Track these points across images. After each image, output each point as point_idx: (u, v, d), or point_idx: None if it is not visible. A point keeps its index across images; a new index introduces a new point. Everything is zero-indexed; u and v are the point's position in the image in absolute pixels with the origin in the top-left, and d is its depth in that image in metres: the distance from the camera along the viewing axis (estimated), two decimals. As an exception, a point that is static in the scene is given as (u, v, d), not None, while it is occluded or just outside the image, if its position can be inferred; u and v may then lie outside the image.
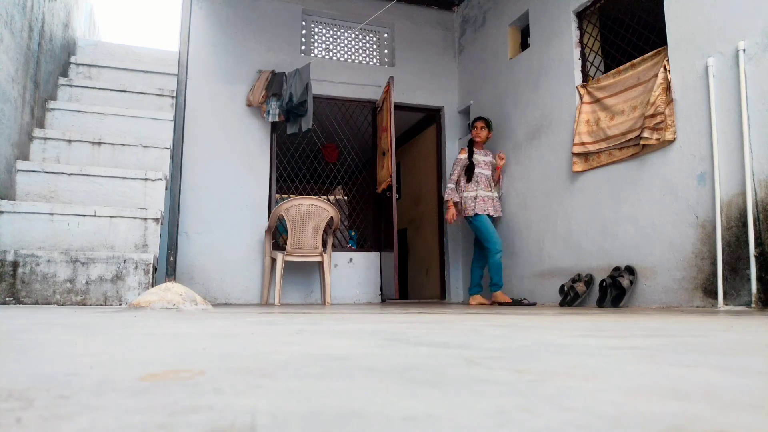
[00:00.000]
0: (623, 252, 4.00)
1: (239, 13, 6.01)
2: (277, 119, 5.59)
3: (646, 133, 3.70)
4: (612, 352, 0.97)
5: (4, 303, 3.12)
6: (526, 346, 1.07)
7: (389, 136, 5.64)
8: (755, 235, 3.04)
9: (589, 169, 4.36)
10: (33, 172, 3.75)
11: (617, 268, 4.00)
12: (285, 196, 8.60)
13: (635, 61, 3.98)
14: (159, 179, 4.03)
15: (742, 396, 0.58)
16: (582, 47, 4.66)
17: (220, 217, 5.57)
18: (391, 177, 5.58)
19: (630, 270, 3.88)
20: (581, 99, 4.49)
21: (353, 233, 7.79)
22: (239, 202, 5.67)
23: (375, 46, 6.65)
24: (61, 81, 4.65)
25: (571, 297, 4.21)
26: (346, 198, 11.27)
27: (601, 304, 3.95)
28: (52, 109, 4.34)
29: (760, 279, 3.01)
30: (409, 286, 8.21)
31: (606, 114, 4.19)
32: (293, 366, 0.77)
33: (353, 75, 6.29)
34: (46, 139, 4.04)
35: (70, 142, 4.09)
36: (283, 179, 7.18)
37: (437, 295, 6.60)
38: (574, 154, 4.48)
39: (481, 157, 5.18)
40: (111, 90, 4.78)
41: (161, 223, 3.83)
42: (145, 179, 4.00)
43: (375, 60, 6.60)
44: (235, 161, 5.72)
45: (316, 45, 6.42)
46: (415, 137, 7.99)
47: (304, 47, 6.31)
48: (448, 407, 0.51)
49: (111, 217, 3.64)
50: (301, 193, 9.56)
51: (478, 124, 5.26)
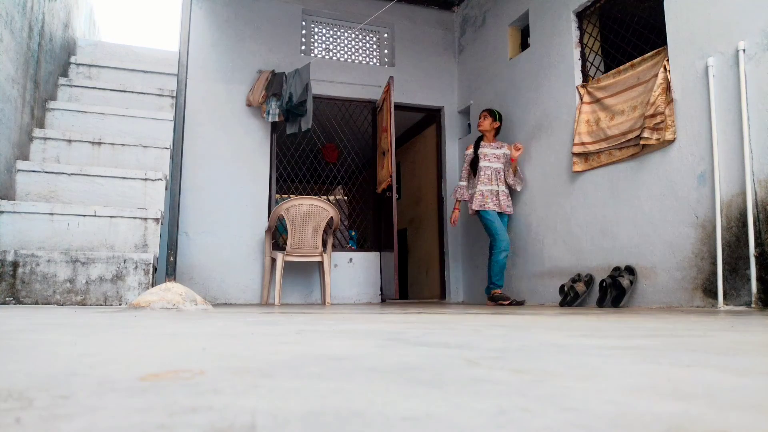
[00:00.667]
0: (623, 252, 4.00)
1: (239, 13, 6.01)
2: (277, 119, 5.59)
3: (646, 133, 3.70)
4: (612, 352, 0.97)
5: (4, 303, 3.12)
6: (526, 346, 1.07)
7: (389, 136, 5.64)
8: (755, 235, 3.04)
9: (589, 169, 4.36)
10: (33, 172, 3.75)
11: (617, 268, 4.00)
12: (285, 196, 8.60)
13: (635, 61, 3.98)
14: (159, 179, 4.03)
15: (743, 396, 0.58)
16: (582, 47, 4.66)
17: (220, 217, 5.57)
18: (391, 177, 5.58)
19: (630, 270, 3.88)
20: (581, 99, 4.49)
21: (353, 233, 7.80)
22: (239, 202, 5.67)
23: (375, 46, 6.65)
24: (61, 81, 4.65)
25: (571, 297, 4.21)
26: (346, 198, 11.27)
27: (601, 304, 3.95)
28: (52, 109, 4.34)
29: (760, 279, 3.01)
30: (409, 286, 8.21)
31: (606, 114, 4.19)
32: (293, 366, 0.77)
33: (353, 75, 6.29)
34: (46, 139, 4.04)
35: (70, 142, 4.09)
36: (283, 179, 7.18)
37: (437, 295, 6.60)
38: (574, 154, 4.48)
39: (489, 150, 5.06)
40: (111, 90, 4.78)
41: (161, 223, 3.83)
42: (145, 179, 4.00)
43: (375, 60, 6.60)
44: (235, 161, 5.72)
45: (316, 45, 6.42)
46: (415, 137, 7.99)
47: (304, 47, 6.31)
48: (448, 407, 0.51)
49: (111, 217, 3.64)
50: (301, 193, 9.56)
51: (481, 114, 5.23)
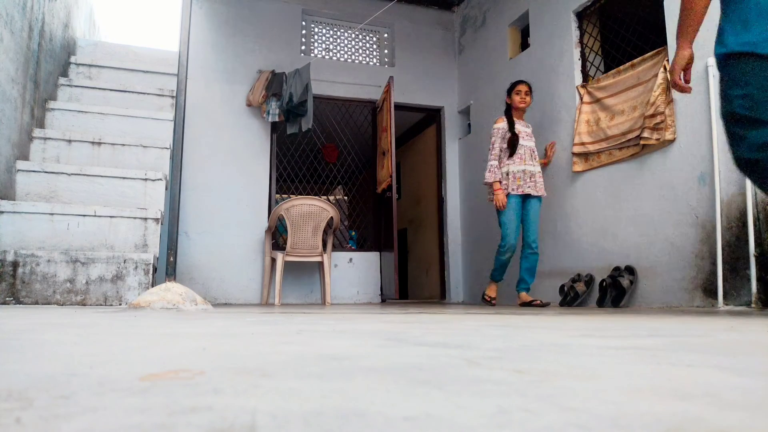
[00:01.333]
0: (623, 252, 4.00)
1: (239, 13, 6.01)
2: (277, 119, 5.59)
3: (646, 133, 3.70)
4: (612, 352, 0.97)
5: (4, 303, 3.12)
6: (526, 346, 1.07)
7: (389, 136, 5.64)
8: (755, 235, 3.04)
9: (589, 169, 4.36)
10: (33, 172, 3.75)
11: (617, 268, 4.00)
12: (285, 196, 8.60)
13: (635, 61, 3.98)
14: (159, 179, 4.03)
15: (743, 396, 0.58)
16: (582, 47, 4.66)
17: (220, 217, 5.57)
18: (391, 177, 5.58)
19: (630, 270, 3.88)
20: (581, 99, 4.49)
21: (353, 233, 7.80)
22: (239, 202, 5.67)
23: (375, 46, 6.65)
24: (61, 81, 4.64)
25: (571, 297, 4.21)
26: (346, 198, 11.27)
27: (601, 304, 3.95)
28: (52, 109, 4.34)
29: (760, 279, 3.01)
30: (409, 286, 8.21)
31: (606, 114, 4.19)
32: (293, 366, 0.77)
33: (353, 75, 6.29)
34: (46, 139, 4.04)
35: (70, 142, 4.09)
36: (283, 179, 7.18)
37: (437, 295, 6.60)
38: (574, 154, 4.48)
39: (522, 128, 4.39)
40: (111, 90, 4.78)
41: (161, 223, 3.83)
42: (145, 179, 4.00)
43: (375, 60, 6.60)
44: (235, 161, 5.72)
45: (316, 45, 6.42)
46: (415, 137, 7.99)
47: (304, 47, 6.31)
48: (449, 407, 0.51)
49: (111, 217, 3.64)
50: (301, 193, 9.56)
51: (522, 87, 4.39)
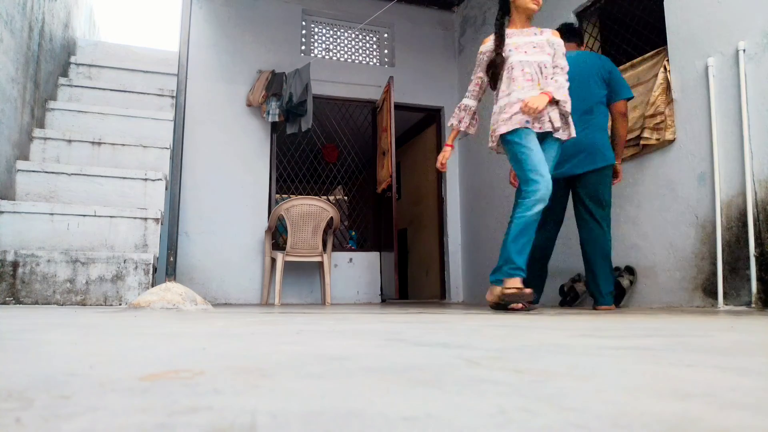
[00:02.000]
0: (623, 252, 4.00)
1: (239, 13, 6.01)
2: (277, 119, 5.59)
3: (646, 133, 3.70)
4: (612, 352, 0.97)
5: (4, 303, 3.12)
6: (526, 346, 1.07)
7: (389, 136, 5.64)
8: (755, 235, 3.04)
9: (589, 169, 4.36)
10: (33, 172, 3.75)
11: (617, 268, 4.00)
12: (285, 196, 8.60)
13: (635, 61, 3.97)
14: (159, 179, 4.03)
15: (743, 396, 0.58)
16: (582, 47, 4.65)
17: (220, 217, 5.57)
18: (391, 177, 5.58)
19: (630, 270, 3.88)
20: (581, 99, 4.48)
21: (353, 233, 7.80)
22: (239, 202, 5.67)
23: (375, 46, 6.65)
24: (61, 81, 4.64)
25: (571, 297, 4.21)
26: (346, 198, 11.27)
27: (601, 304, 3.94)
28: (52, 109, 4.34)
29: (760, 279, 3.01)
30: (409, 286, 8.21)
31: (606, 114, 4.19)
32: (293, 366, 0.77)
33: (353, 75, 6.29)
34: (46, 139, 4.04)
35: (70, 142, 4.09)
36: (283, 179, 7.18)
37: (437, 295, 6.60)
38: (574, 154, 4.47)
39: (523, 39, 3.19)
40: (111, 90, 4.78)
41: (161, 223, 3.83)
42: (145, 179, 4.00)
43: (375, 60, 6.60)
44: (235, 161, 5.72)
45: (316, 45, 6.42)
46: (415, 137, 7.99)
47: (304, 47, 6.31)
48: (448, 407, 0.51)
49: (111, 217, 3.64)
50: (301, 193, 9.55)
51: None
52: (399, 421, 0.45)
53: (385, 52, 6.64)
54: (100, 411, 0.48)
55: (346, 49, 6.51)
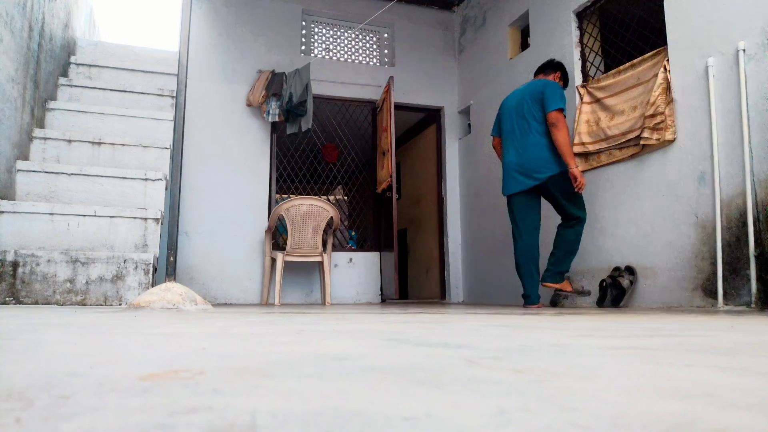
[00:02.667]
0: (623, 252, 3.99)
1: (239, 13, 6.01)
2: (277, 119, 5.59)
3: (646, 133, 3.70)
4: (612, 352, 0.97)
5: (4, 303, 3.12)
6: (526, 346, 1.07)
7: (389, 136, 5.64)
8: (755, 235, 3.04)
9: (589, 169, 4.36)
10: (33, 172, 3.75)
11: (617, 268, 4.00)
12: (285, 196, 8.60)
13: (635, 61, 3.98)
14: (159, 179, 4.03)
15: (742, 396, 0.58)
16: (582, 47, 4.66)
17: (220, 217, 5.57)
18: (391, 177, 5.58)
19: (630, 270, 3.88)
20: (581, 99, 4.49)
21: (353, 233, 7.80)
22: (239, 202, 5.67)
23: (375, 46, 6.65)
24: (61, 81, 4.64)
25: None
26: (346, 198, 11.27)
27: (601, 304, 3.94)
28: (52, 109, 4.34)
29: (760, 279, 3.01)
30: (409, 286, 8.21)
31: (606, 114, 4.19)
32: (293, 366, 0.77)
33: (353, 75, 6.29)
34: (46, 139, 4.04)
35: (70, 142, 4.09)
36: (283, 179, 7.18)
37: (437, 295, 6.60)
38: (575, 154, 4.47)
39: None
40: (111, 90, 4.78)
41: (161, 223, 3.83)
42: (145, 179, 4.00)
43: (375, 60, 6.60)
44: (235, 161, 5.72)
45: (316, 45, 6.42)
46: (415, 137, 7.99)
47: (304, 47, 6.32)
48: (448, 407, 0.51)
49: (111, 217, 3.64)
50: (301, 193, 9.55)
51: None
52: (399, 421, 0.45)
53: (385, 52, 6.64)
54: (100, 411, 0.48)
55: (346, 49, 6.51)
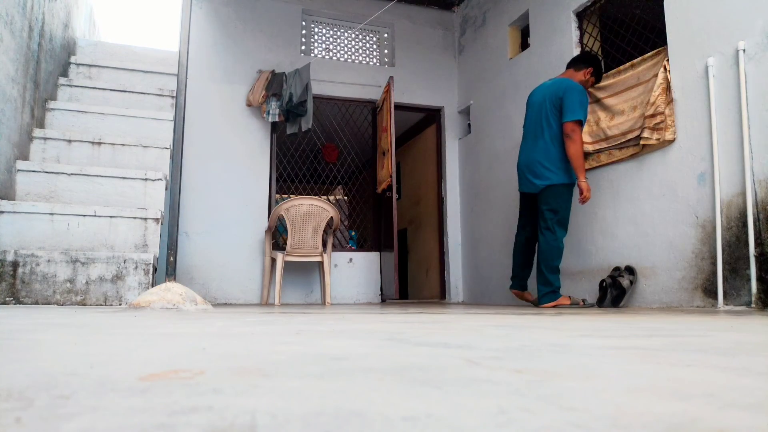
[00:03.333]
0: (623, 252, 4.00)
1: (239, 13, 6.01)
2: (277, 119, 5.59)
3: (646, 133, 3.70)
4: (612, 352, 0.97)
5: (4, 303, 3.12)
6: (526, 346, 1.07)
7: (389, 136, 5.64)
8: (755, 235, 3.04)
9: (589, 169, 4.36)
10: (33, 172, 3.75)
11: (617, 268, 4.00)
12: (285, 196, 8.60)
13: (635, 61, 3.98)
14: (159, 179, 4.03)
15: (742, 396, 0.58)
16: (582, 47, 4.66)
17: (220, 217, 5.57)
18: (391, 177, 5.58)
19: (630, 270, 3.88)
20: (581, 99, 4.48)
21: (353, 233, 7.80)
22: (239, 202, 5.67)
23: (375, 46, 6.65)
24: (61, 81, 4.64)
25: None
26: (346, 198, 11.27)
27: (601, 304, 3.95)
28: (52, 109, 4.34)
29: (760, 279, 3.01)
30: (409, 286, 8.21)
31: (606, 114, 4.19)
32: (293, 366, 0.77)
33: (353, 75, 6.29)
34: (46, 139, 4.04)
35: (70, 142, 4.09)
36: (283, 179, 7.18)
37: (437, 295, 6.60)
38: (574, 154, 4.47)
39: None
40: (111, 90, 4.78)
41: (161, 223, 3.83)
42: (145, 179, 4.00)
43: (375, 60, 6.60)
44: (235, 161, 5.72)
45: (316, 45, 6.42)
46: (415, 137, 7.99)
47: (304, 47, 6.31)
48: (448, 407, 0.51)
49: (111, 217, 3.64)
50: (301, 193, 9.56)
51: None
52: (399, 421, 0.45)
53: (385, 52, 6.64)
54: (100, 411, 0.48)
55: (346, 49, 6.51)
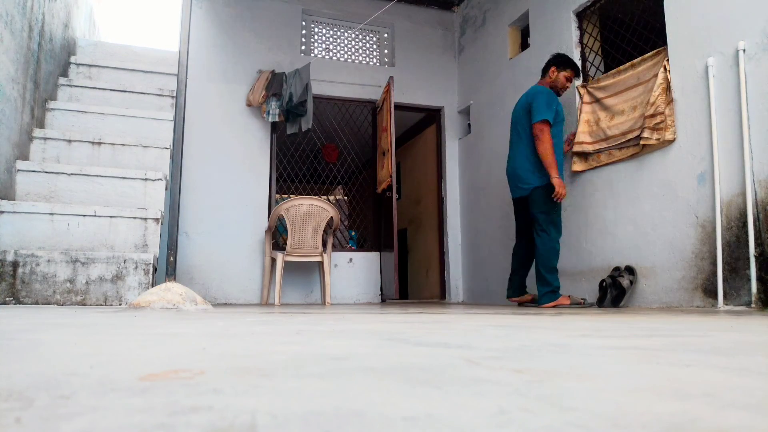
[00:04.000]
0: (623, 252, 4.00)
1: (239, 13, 6.00)
2: (277, 119, 5.59)
3: (646, 133, 3.70)
4: (612, 352, 0.97)
5: (4, 303, 3.12)
6: (526, 346, 1.07)
7: (389, 136, 5.64)
8: (755, 235, 3.04)
9: (589, 169, 4.36)
10: (33, 172, 3.75)
11: (617, 268, 4.00)
12: (285, 196, 8.60)
13: (635, 61, 3.98)
14: (159, 179, 4.03)
15: (742, 396, 0.58)
16: (582, 47, 4.66)
17: (220, 217, 5.57)
18: (391, 177, 5.58)
19: (630, 270, 3.88)
20: (581, 99, 4.49)
21: (353, 233, 7.80)
22: (239, 202, 5.67)
23: (375, 46, 6.65)
24: (61, 81, 4.64)
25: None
26: (346, 198, 11.27)
27: (601, 304, 3.95)
28: (52, 109, 4.34)
29: (760, 279, 3.01)
30: (409, 286, 8.21)
31: (606, 114, 4.19)
32: (293, 366, 0.77)
33: (353, 75, 6.29)
34: (46, 139, 4.04)
35: (70, 142, 4.09)
36: (283, 179, 7.18)
37: (437, 295, 6.60)
38: (574, 154, 4.47)
39: None
40: (111, 90, 4.78)
41: (161, 223, 3.82)
42: (145, 179, 4.00)
43: (375, 60, 6.60)
44: (235, 161, 5.72)
45: (316, 45, 6.42)
46: (415, 137, 7.99)
47: (304, 47, 6.31)
48: (448, 407, 0.51)
49: (111, 217, 3.64)
50: (301, 193, 9.56)
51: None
52: (399, 421, 0.45)
53: (385, 52, 6.64)
54: (100, 411, 0.48)
55: (346, 49, 6.51)
